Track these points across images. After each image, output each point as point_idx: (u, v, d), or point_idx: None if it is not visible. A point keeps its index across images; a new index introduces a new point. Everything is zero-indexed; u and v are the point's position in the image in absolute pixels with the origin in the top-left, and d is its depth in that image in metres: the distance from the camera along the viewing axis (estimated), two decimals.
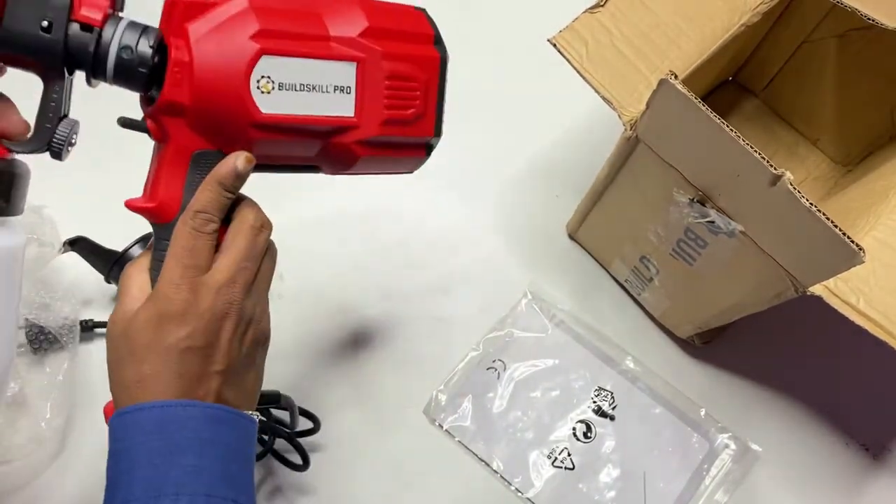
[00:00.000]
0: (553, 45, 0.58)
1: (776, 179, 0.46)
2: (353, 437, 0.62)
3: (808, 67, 0.76)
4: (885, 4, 0.56)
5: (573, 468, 0.63)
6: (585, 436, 0.65)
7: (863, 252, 0.44)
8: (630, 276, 0.69)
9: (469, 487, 0.62)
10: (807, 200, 0.45)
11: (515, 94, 0.81)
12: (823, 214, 0.45)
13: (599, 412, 0.66)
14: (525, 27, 0.69)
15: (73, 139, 0.41)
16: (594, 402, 0.66)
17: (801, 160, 0.80)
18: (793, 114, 0.81)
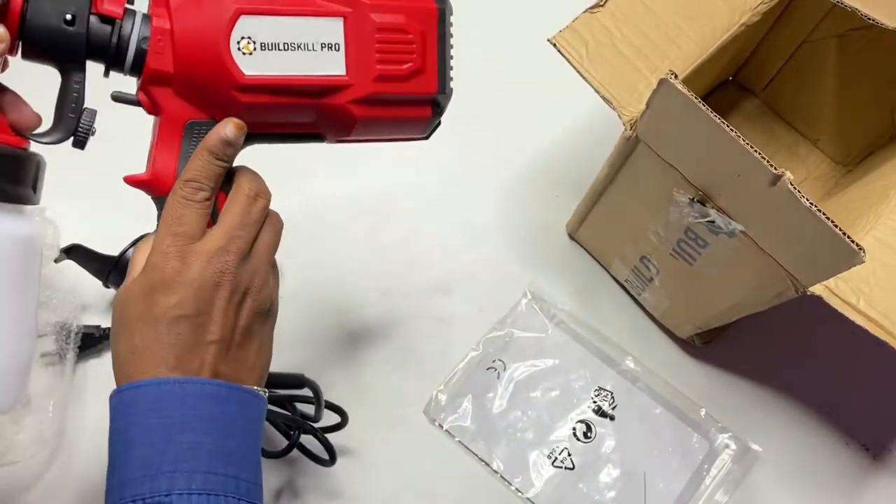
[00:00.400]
0: (553, 45, 0.58)
1: (776, 179, 0.46)
2: (353, 437, 0.62)
3: (808, 67, 0.76)
4: (885, 4, 0.56)
5: (573, 468, 0.63)
6: (585, 436, 0.65)
7: (863, 252, 0.44)
8: (630, 276, 0.69)
9: (469, 487, 0.62)
10: (807, 200, 0.45)
11: (515, 94, 0.81)
12: (823, 214, 0.45)
13: (599, 412, 0.66)
14: (525, 27, 0.69)
15: (94, 129, 0.41)
16: (594, 402, 0.66)
17: (801, 160, 0.80)
18: (793, 114, 0.81)
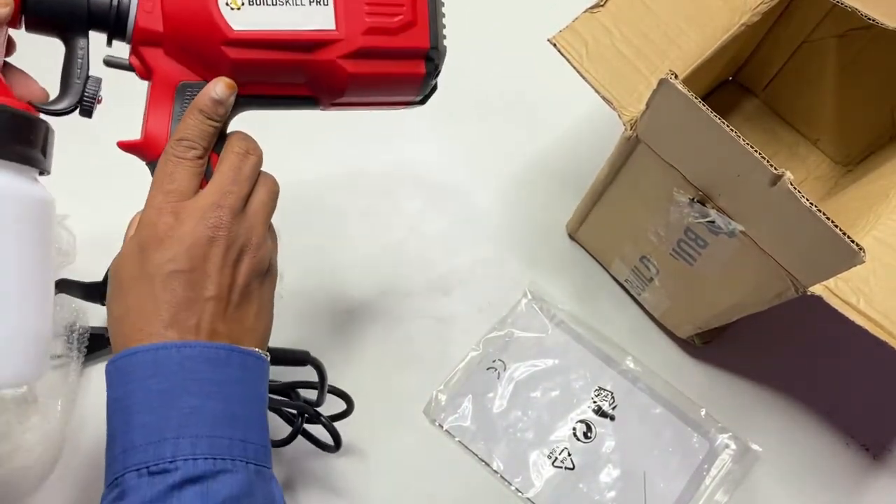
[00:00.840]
0: (553, 45, 0.58)
1: (776, 179, 0.46)
2: (353, 437, 0.62)
3: (808, 67, 0.76)
4: (885, 4, 0.56)
5: (573, 468, 0.63)
6: (585, 436, 0.65)
7: (863, 252, 0.44)
8: (630, 276, 0.69)
9: (469, 487, 0.62)
10: (807, 200, 0.45)
11: (515, 94, 0.81)
12: (824, 214, 0.45)
13: (599, 412, 0.66)
14: (525, 27, 0.69)
15: (100, 96, 0.41)
16: (594, 402, 0.66)
17: (802, 160, 0.80)
18: (793, 114, 0.81)
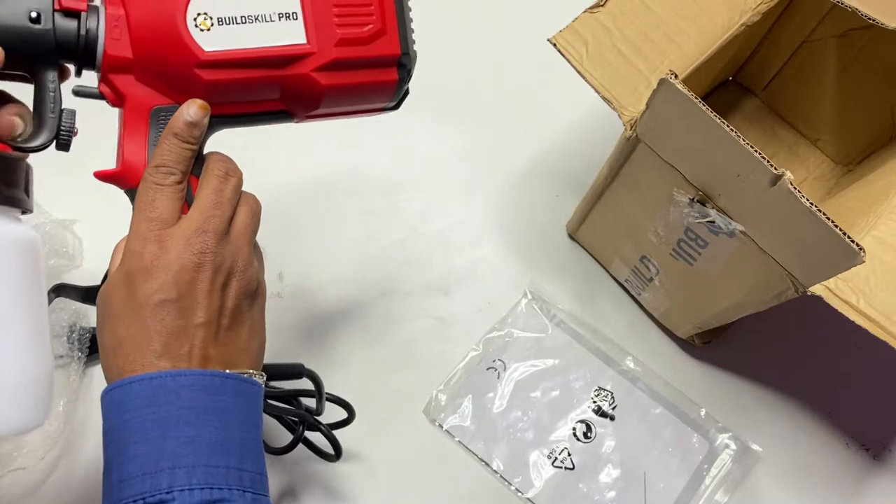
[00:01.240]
0: (553, 45, 0.58)
1: (776, 179, 0.46)
2: (353, 437, 0.62)
3: (808, 67, 0.76)
4: (885, 4, 0.56)
5: (573, 468, 0.63)
6: (585, 436, 0.65)
7: (863, 252, 0.44)
8: (630, 276, 0.69)
9: (469, 487, 0.62)
10: (807, 200, 0.45)
11: (515, 94, 0.81)
12: (823, 214, 0.45)
13: (599, 412, 0.66)
14: (525, 27, 0.69)
15: (76, 129, 0.41)
16: (594, 402, 0.66)
17: (802, 160, 0.80)
18: (793, 114, 0.81)
